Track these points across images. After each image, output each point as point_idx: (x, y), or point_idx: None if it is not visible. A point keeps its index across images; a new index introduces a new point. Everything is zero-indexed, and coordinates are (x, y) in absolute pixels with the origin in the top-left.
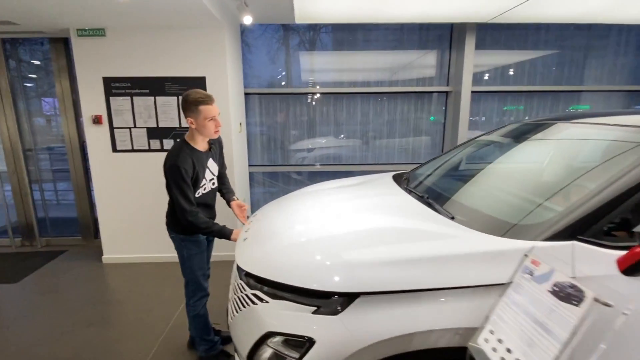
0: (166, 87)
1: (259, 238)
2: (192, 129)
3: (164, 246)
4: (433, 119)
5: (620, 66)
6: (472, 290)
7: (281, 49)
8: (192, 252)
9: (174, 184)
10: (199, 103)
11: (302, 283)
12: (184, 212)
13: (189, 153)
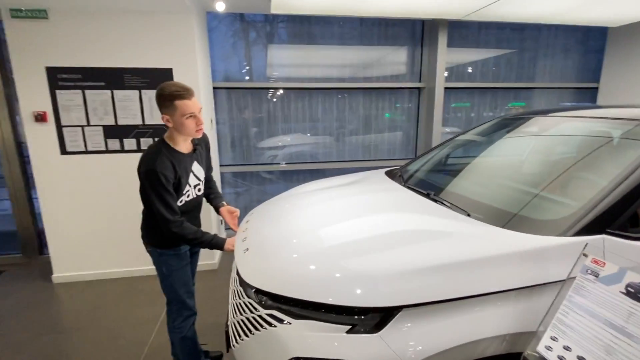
0: (126, 79)
1: (264, 248)
2: (170, 128)
3: (130, 258)
4: (388, 116)
5: (569, 65)
6: (515, 293)
7: (249, 41)
8: (174, 267)
9: (153, 191)
10: (175, 97)
11: (332, 299)
12: (168, 223)
13: (167, 155)
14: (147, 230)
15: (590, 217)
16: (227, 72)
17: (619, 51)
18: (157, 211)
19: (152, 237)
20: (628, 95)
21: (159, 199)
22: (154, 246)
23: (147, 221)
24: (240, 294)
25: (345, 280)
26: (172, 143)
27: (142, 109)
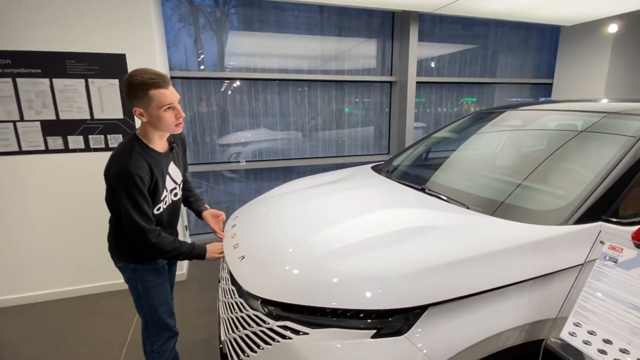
0: (68, 66)
1: (264, 254)
2: (143, 123)
3: (84, 274)
4: (348, 111)
5: (527, 62)
6: (530, 283)
7: (204, 27)
8: (151, 284)
9: (126, 196)
10: (150, 86)
11: (353, 304)
12: (143, 233)
13: (142, 154)
14: (117, 242)
15: (587, 206)
16: (180, 61)
17: (571, 49)
18: (129, 219)
19: (123, 250)
20: (579, 90)
21: (133, 205)
22: (127, 260)
23: (117, 232)
24: (240, 307)
25: (367, 283)
26: (147, 140)
27: (90, 101)
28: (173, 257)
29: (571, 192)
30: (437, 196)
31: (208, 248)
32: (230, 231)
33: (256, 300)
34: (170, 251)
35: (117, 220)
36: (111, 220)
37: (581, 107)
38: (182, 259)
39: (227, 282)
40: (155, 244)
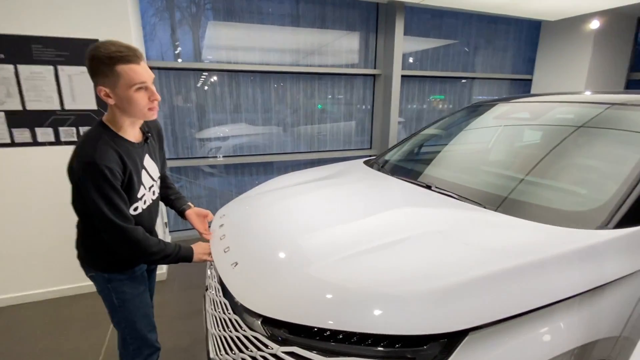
0: (35, 51)
1: (261, 260)
2: (111, 106)
3: (53, 275)
4: (320, 107)
5: (507, 57)
6: (579, 298)
7: (186, 17)
8: (128, 295)
9: (95, 192)
10: (117, 61)
11: (378, 327)
12: (123, 232)
13: (111, 144)
14: (88, 248)
15: (627, 206)
16: (156, 52)
17: (552, 45)
18: (104, 219)
19: (94, 257)
20: (559, 86)
21: (105, 202)
22: (99, 269)
23: (87, 237)
24: (235, 325)
25: (395, 302)
26: (116, 128)
27: (60, 90)
28: (158, 260)
29: (603, 191)
30: (446, 194)
31: (195, 249)
32: (218, 232)
33: (256, 319)
34: (156, 253)
35: (86, 224)
36: (79, 225)
37: (600, 99)
38: (167, 262)
39: (218, 293)
40: (138, 244)
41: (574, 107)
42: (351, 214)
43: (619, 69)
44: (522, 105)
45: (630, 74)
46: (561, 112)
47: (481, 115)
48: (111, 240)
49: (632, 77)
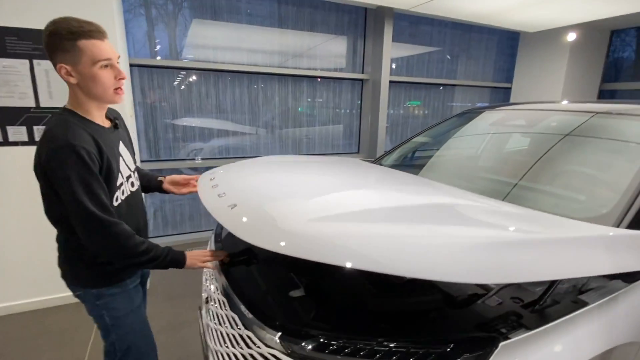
0: (8, 44)
1: (266, 202)
2: (73, 88)
3: (27, 286)
4: (301, 110)
5: (488, 65)
6: (597, 306)
7: (168, 16)
8: (121, 313)
9: (73, 179)
10: (79, 36)
11: (410, 270)
12: (104, 227)
13: (82, 127)
14: (72, 262)
15: (635, 210)
16: (137, 51)
17: (529, 55)
18: (80, 211)
19: (79, 272)
20: (537, 94)
21: (83, 188)
22: (86, 285)
23: (69, 248)
24: (247, 341)
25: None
26: (82, 111)
27: (35, 87)
28: (144, 262)
29: (609, 197)
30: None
31: (188, 255)
32: (209, 184)
33: (273, 335)
34: (143, 253)
35: (67, 234)
36: (59, 238)
37: (597, 109)
38: (155, 265)
39: (224, 306)
40: (122, 241)
41: (576, 116)
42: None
43: (592, 79)
44: (526, 113)
45: (602, 84)
46: (561, 120)
47: (479, 122)
48: (90, 237)
49: (605, 88)
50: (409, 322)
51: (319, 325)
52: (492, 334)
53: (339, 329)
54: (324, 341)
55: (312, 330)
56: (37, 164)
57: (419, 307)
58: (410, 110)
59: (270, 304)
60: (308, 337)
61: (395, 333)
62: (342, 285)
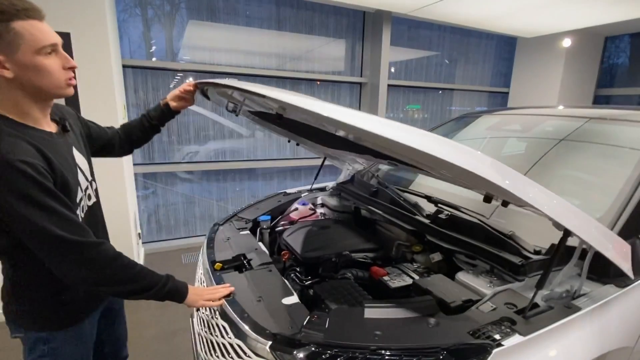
0: None
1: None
2: (6, 85)
3: None
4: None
5: (487, 70)
6: (590, 312)
7: (164, 17)
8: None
9: (22, 202)
10: (13, 16)
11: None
12: (81, 252)
13: (21, 136)
14: (18, 298)
15: (623, 221)
16: (133, 52)
17: (527, 60)
18: (44, 239)
19: (27, 310)
20: (533, 99)
21: (40, 211)
22: (32, 328)
23: (17, 281)
24: (238, 351)
25: None
26: (19, 116)
27: None
28: (136, 291)
29: (602, 201)
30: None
31: (192, 290)
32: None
33: (262, 345)
34: (134, 279)
35: (13, 265)
36: (4, 269)
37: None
38: (149, 296)
39: (214, 314)
40: (111, 265)
41: (570, 121)
42: None
43: (588, 84)
44: (521, 118)
45: (597, 89)
46: (556, 125)
47: (475, 126)
48: (62, 266)
49: (600, 93)
50: (402, 329)
51: (311, 334)
52: (485, 341)
53: (331, 337)
54: (315, 350)
55: (304, 339)
56: None
57: (412, 312)
58: (410, 114)
59: (261, 312)
60: (300, 346)
61: (387, 340)
62: (335, 292)
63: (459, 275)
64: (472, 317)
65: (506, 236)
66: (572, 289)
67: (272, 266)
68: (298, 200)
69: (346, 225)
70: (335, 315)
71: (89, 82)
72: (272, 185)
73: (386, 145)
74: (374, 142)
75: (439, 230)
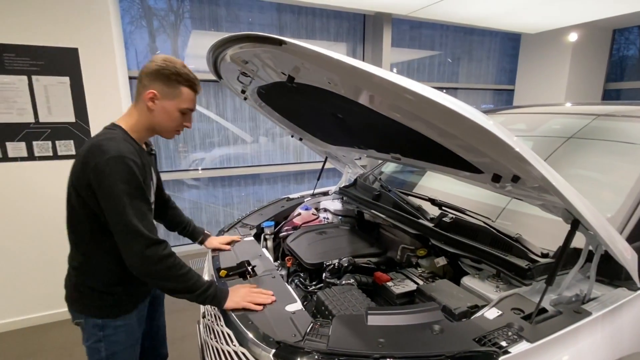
0: (6, 60)
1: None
2: (142, 109)
3: (24, 303)
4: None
5: (491, 68)
6: (601, 317)
7: (167, 26)
8: (119, 347)
9: (123, 192)
10: (187, 82)
11: None
12: (147, 246)
13: (131, 144)
14: (81, 286)
15: (634, 221)
16: (139, 60)
17: (531, 56)
18: (125, 226)
19: (89, 298)
20: (540, 96)
21: (131, 202)
22: (93, 314)
23: (83, 270)
24: (242, 358)
25: None
26: (134, 132)
27: (34, 102)
28: (180, 290)
29: (613, 200)
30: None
31: (233, 293)
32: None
33: (266, 352)
34: (185, 279)
35: (84, 255)
36: (78, 256)
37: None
38: (191, 297)
39: (219, 321)
40: (166, 264)
41: (577, 119)
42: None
43: (596, 79)
44: (527, 117)
45: (607, 83)
46: (563, 123)
47: None
48: (130, 255)
49: (609, 87)
50: (406, 336)
51: (314, 342)
52: (490, 348)
53: (334, 345)
54: (319, 358)
55: (307, 346)
56: (79, 177)
57: (416, 319)
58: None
59: (265, 319)
60: (303, 354)
61: (391, 347)
62: (339, 298)
63: (465, 280)
64: (477, 324)
65: (513, 239)
66: (581, 293)
67: (276, 272)
68: (301, 205)
69: (349, 229)
70: (338, 322)
71: (96, 94)
72: (277, 189)
73: (400, 91)
74: (393, 92)
75: (443, 233)
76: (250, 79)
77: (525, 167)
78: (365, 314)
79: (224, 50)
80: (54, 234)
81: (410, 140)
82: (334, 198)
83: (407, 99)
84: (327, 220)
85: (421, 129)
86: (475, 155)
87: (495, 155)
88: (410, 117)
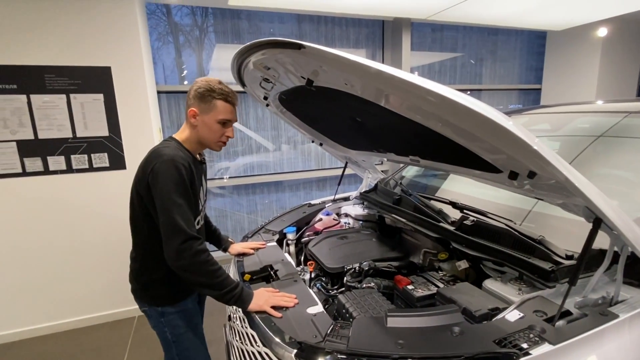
0: (47, 81)
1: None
2: (190, 125)
3: (63, 307)
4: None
5: (518, 66)
6: (629, 319)
7: (187, 39)
8: (182, 330)
9: (171, 190)
10: (220, 96)
11: None
12: (185, 242)
13: (184, 153)
14: (143, 278)
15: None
16: (165, 76)
17: (559, 54)
18: (168, 221)
19: (148, 289)
20: (568, 94)
21: (176, 200)
22: (153, 303)
23: (144, 264)
24: (265, 359)
25: None
26: (188, 144)
27: (72, 118)
28: (213, 287)
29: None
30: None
31: (257, 296)
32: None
33: (289, 352)
34: (217, 277)
35: (144, 249)
36: (138, 252)
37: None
38: (218, 295)
39: (244, 324)
40: (200, 261)
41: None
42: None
43: (630, 75)
44: (552, 117)
45: None
46: (592, 121)
47: None
48: (169, 248)
49: None
50: (426, 337)
51: (334, 343)
52: (511, 350)
53: (354, 346)
54: (339, 358)
55: (328, 347)
56: (140, 178)
57: (436, 321)
58: None
59: (287, 321)
60: (324, 354)
61: (410, 349)
62: (359, 301)
63: (486, 282)
64: (498, 326)
65: (535, 241)
66: (608, 296)
67: (298, 276)
68: (322, 211)
69: (370, 234)
70: (358, 324)
71: (128, 109)
72: (299, 195)
73: (421, 93)
74: (416, 95)
75: (464, 236)
76: (272, 85)
77: (539, 162)
78: (385, 315)
79: (247, 58)
80: (91, 242)
81: (428, 142)
82: (355, 203)
83: (428, 100)
84: (348, 225)
85: (439, 128)
86: (492, 153)
87: (512, 152)
88: (429, 118)
